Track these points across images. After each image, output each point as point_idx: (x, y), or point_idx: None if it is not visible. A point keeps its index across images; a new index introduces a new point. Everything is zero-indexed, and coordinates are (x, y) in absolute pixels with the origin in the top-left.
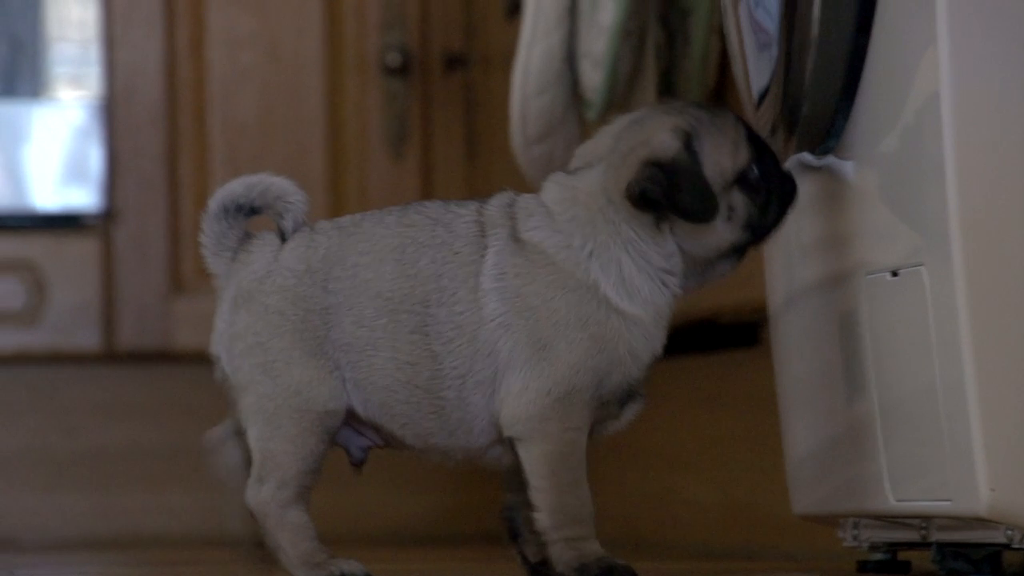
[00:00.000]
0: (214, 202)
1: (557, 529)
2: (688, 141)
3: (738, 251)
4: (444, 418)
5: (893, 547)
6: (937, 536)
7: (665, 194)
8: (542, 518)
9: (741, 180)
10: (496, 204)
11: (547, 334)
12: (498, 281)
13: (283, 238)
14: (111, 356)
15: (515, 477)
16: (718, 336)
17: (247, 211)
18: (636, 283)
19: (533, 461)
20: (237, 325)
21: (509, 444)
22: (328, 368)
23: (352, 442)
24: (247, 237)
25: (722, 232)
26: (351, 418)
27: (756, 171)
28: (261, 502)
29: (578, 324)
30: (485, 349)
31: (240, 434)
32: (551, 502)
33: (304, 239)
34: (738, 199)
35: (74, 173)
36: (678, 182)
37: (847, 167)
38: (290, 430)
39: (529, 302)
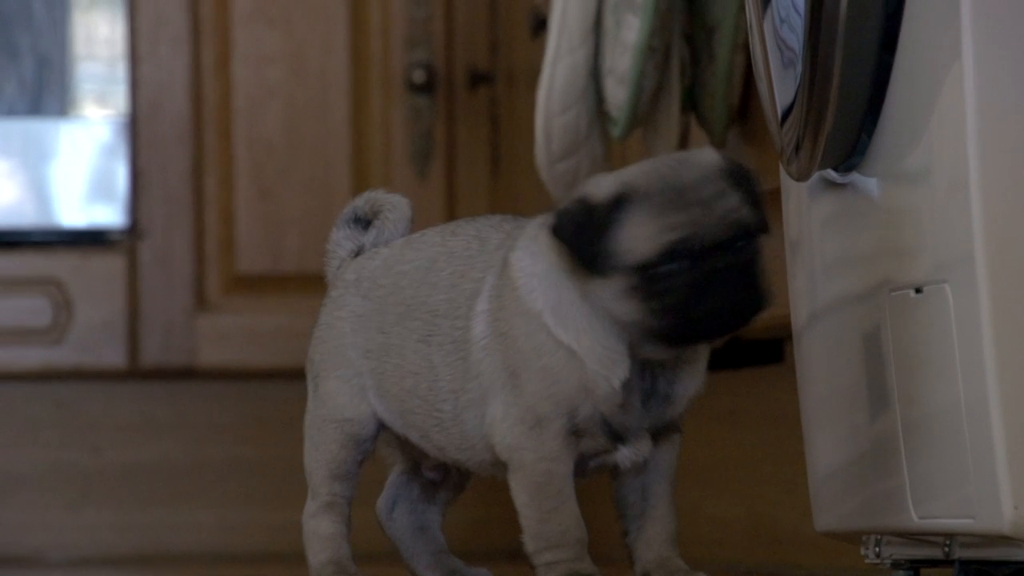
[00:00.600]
0: (342, 212)
1: (539, 554)
2: (622, 198)
3: (657, 337)
4: (447, 432)
5: (916, 564)
6: (960, 553)
7: (568, 231)
8: (526, 542)
9: (641, 269)
10: (527, 223)
11: (515, 361)
12: (487, 303)
13: (361, 250)
14: (136, 373)
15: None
16: (742, 353)
17: (363, 223)
18: (571, 314)
19: (514, 487)
20: None
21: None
22: (347, 376)
23: (422, 461)
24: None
25: (624, 306)
26: (388, 431)
27: (657, 275)
28: (303, 515)
29: (533, 353)
30: (474, 370)
31: (402, 498)
32: (532, 528)
33: (372, 252)
34: (634, 286)
35: (99, 190)
36: (584, 224)
37: (871, 184)
38: (317, 439)
39: (500, 327)
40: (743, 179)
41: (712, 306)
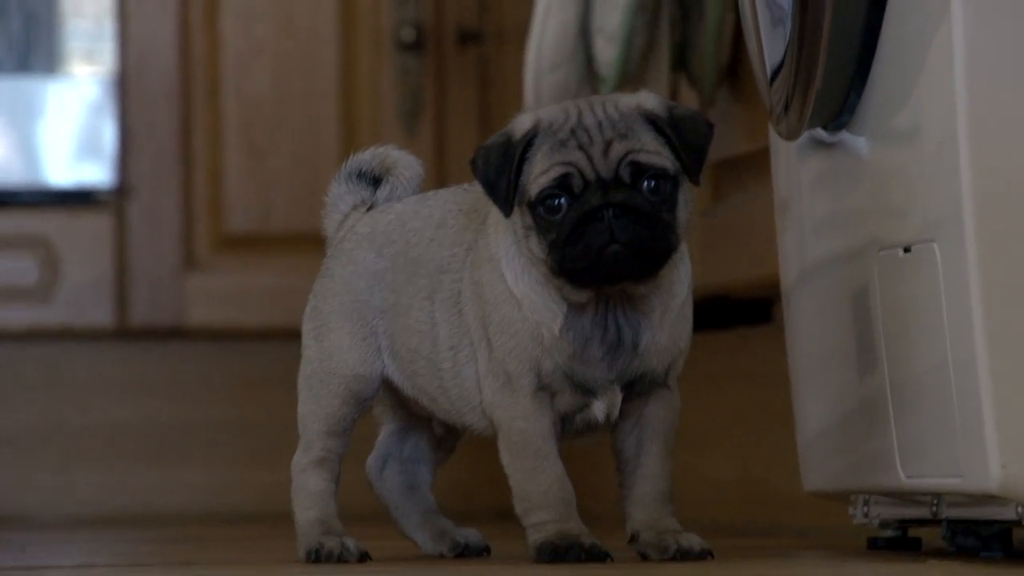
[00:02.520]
0: (343, 166)
1: (526, 515)
2: (532, 134)
3: (565, 275)
4: (449, 394)
5: (904, 524)
6: (947, 513)
7: (480, 166)
8: (514, 503)
9: (533, 205)
10: None
11: (484, 311)
12: (474, 253)
13: (371, 206)
14: (124, 332)
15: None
16: (730, 313)
17: (369, 179)
18: (516, 260)
19: (499, 447)
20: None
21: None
22: (363, 334)
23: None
24: (361, 205)
25: (533, 243)
26: (396, 390)
27: (545, 210)
28: (291, 465)
29: (494, 303)
30: (465, 322)
31: (393, 458)
32: (515, 488)
33: (384, 207)
34: (533, 221)
35: (87, 149)
36: (491, 160)
37: (860, 143)
38: (318, 392)
39: (475, 275)
40: (675, 125)
41: (596, 243)
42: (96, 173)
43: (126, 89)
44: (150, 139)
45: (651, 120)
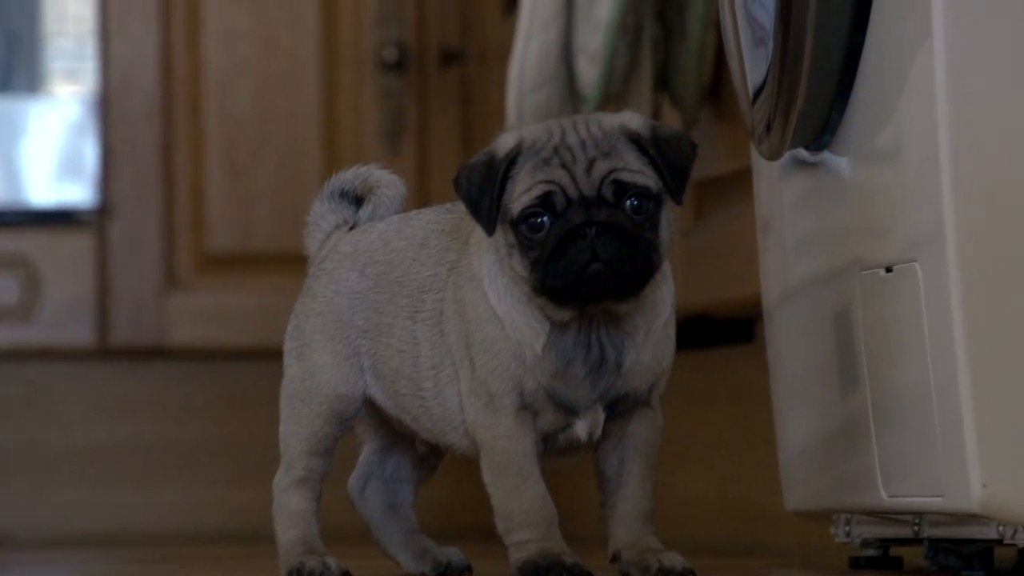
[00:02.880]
0: (326, 185)
1: (508, 533)
2: (516, 153)
3: (548, 293)
4: (431, 413)
5: (885, 543)
6: (929, 532)
7: (463, 184)
8: (496, 522)
9: (515, 223)
10: None
11: (467, 331)
12: (457, 273)
13: (354, 225)
14: (105, 352)
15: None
16: (713, 332)
17: (351, 198)
18: (499, 279)
19: (482, 466)
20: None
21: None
22: (346, 353)
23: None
24: (343, 225)
25: (516, 261)
26: (379, 410)
27: (528, 228)
28: (273, 485)
29: (477, 322)
30: (447, 342)
31: (375, 477)
32: (497, 507)
33: (367, 226)
34: (516, 239)
35: (69, 168)
36: (474, 179)
37: (842, 163)
38: (300, 411)
39: (459, 294)
40: (658, 145)
41: (578, 261)
42: (78, 193)
43: (108, 109)
44: (132, 159)
45: (634, 139)
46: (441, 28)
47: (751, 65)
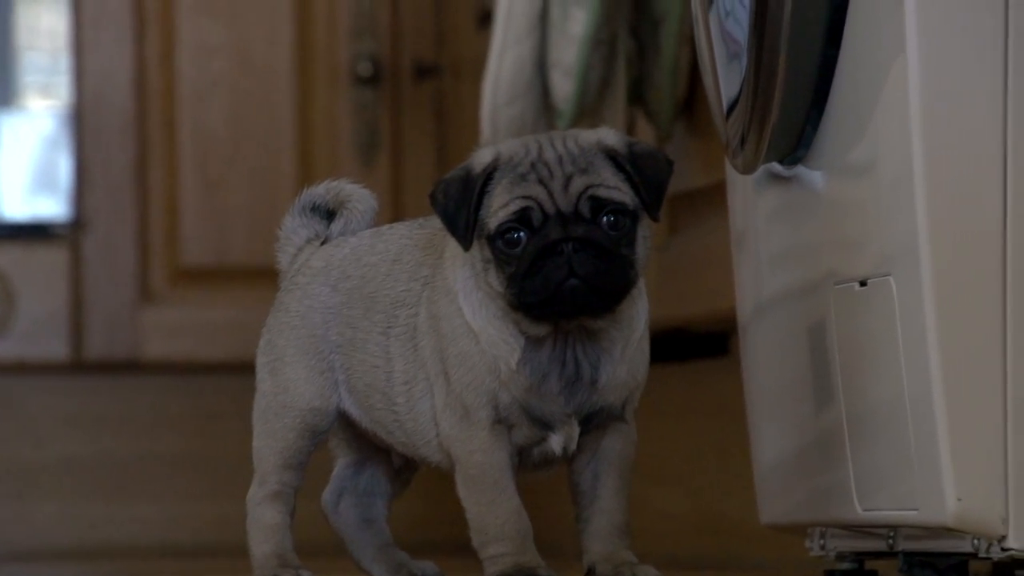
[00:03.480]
0: (297, 200)
1: (483, 547)
2: (493, 168)
3: (523, 309)
4: (404, 427)
5: (860, 556)
6: (904, 545)
7: (439, 199)
8: (471, 535)
9: (492, 238)
10: None
11: (442, 345)
12: (431, 287)
13: (325, 240)
14: (79, 366)
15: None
16: (687, 346)
17: (323, 212)
18: (474, 293)
19: (456, 479)
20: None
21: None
22: (320, 368)
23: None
24: (315, 239)
25: (492, 276)
26: (354, 424)
27: (504, 244)
28: (247, 499)
29: (452, 336)
30: (421, 356)
31: (348, 491)
32: (472, 521)
33: (339, 241)
34: (492, 254)
35: (43, 182)
36: (451, 194)
37: (816, 177)
38: (273, 425)
39: (433, 308)
40: (635, 161)
41: (554, 276)
42: (52, 207)
43: (81, 123)
44: (106, 173)
45: (611, 156)
46: (415, 42)
47: (725, 80)
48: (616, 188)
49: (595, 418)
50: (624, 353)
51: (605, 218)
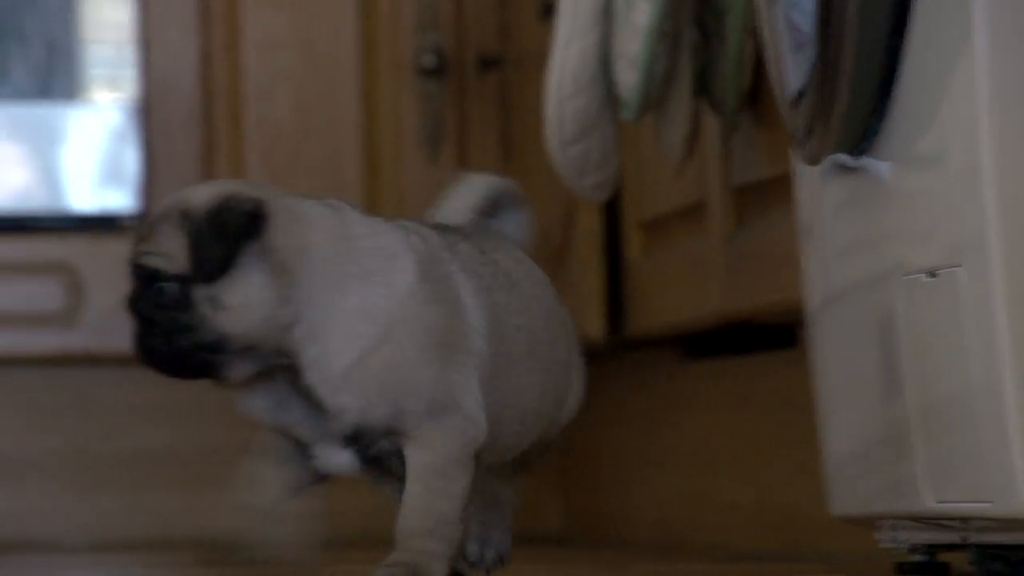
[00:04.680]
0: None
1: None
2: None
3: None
4: None
5: (932, 548)
6: (976, 538)
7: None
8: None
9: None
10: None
11: None
12: None
13: None
14: None
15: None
16: (754, 338)
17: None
18: None
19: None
20: None
21: None
22: None
23: None
24: None
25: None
26: None
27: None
28: None
29: None
30: None
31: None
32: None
33: None
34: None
35: (110, 175)
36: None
37: (884, 168)
38: None
39: None
40: (199, 222)
41: (134, 339)
42: (119, 199)
43: (148, 116)
44: (172, 165)
45: (185, 217)
46: (479, 34)
47: (791, 70)
48: (162, 255)
49: (365, 438)
50: (347, 383)
51: (155, 285)
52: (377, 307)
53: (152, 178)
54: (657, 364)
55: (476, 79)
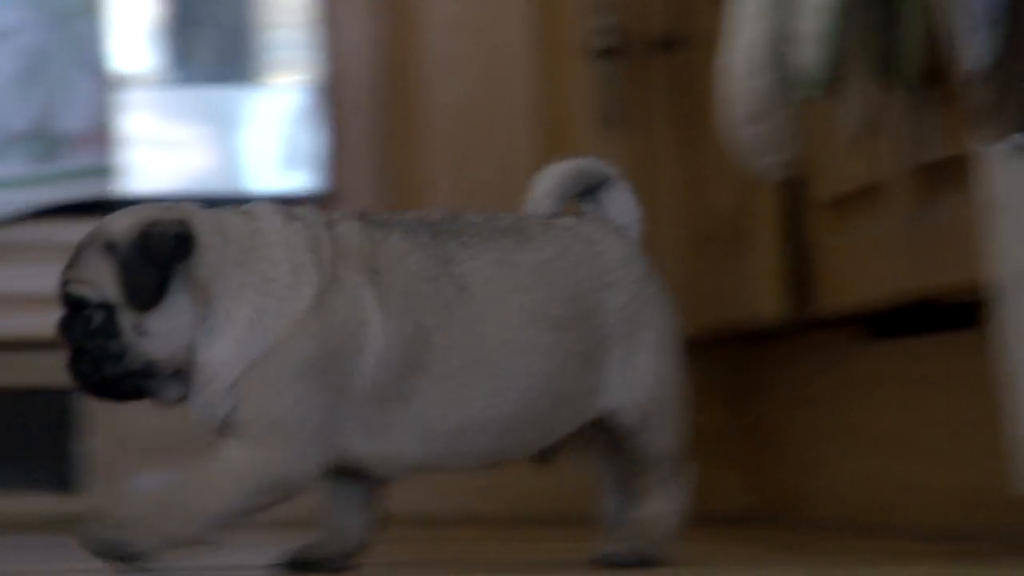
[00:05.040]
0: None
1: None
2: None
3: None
4: None
5: None
6: None
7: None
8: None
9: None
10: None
11: None
12: None
13: None
14: None
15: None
16: (936, 318)
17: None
18: None
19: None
20: None
21: None
22: None
23: None
24: None
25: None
26: None
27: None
28: None
29: None
30: None
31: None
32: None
33: None
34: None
35: (290, 157)
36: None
37: None
38: None
39: None
40: (125, 251)
41: (67, 365)
42: (300, 180)
43: (330, 98)
44: (354, 147)
45: (109, 246)
46: (659, 14)
47: (972, 49)
48: (88, 283)
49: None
50: (235, 389)
51: (83, 312)
52: (268, 321)
53: (335, 160)
54: (841, 344)
55: (655, 60)
